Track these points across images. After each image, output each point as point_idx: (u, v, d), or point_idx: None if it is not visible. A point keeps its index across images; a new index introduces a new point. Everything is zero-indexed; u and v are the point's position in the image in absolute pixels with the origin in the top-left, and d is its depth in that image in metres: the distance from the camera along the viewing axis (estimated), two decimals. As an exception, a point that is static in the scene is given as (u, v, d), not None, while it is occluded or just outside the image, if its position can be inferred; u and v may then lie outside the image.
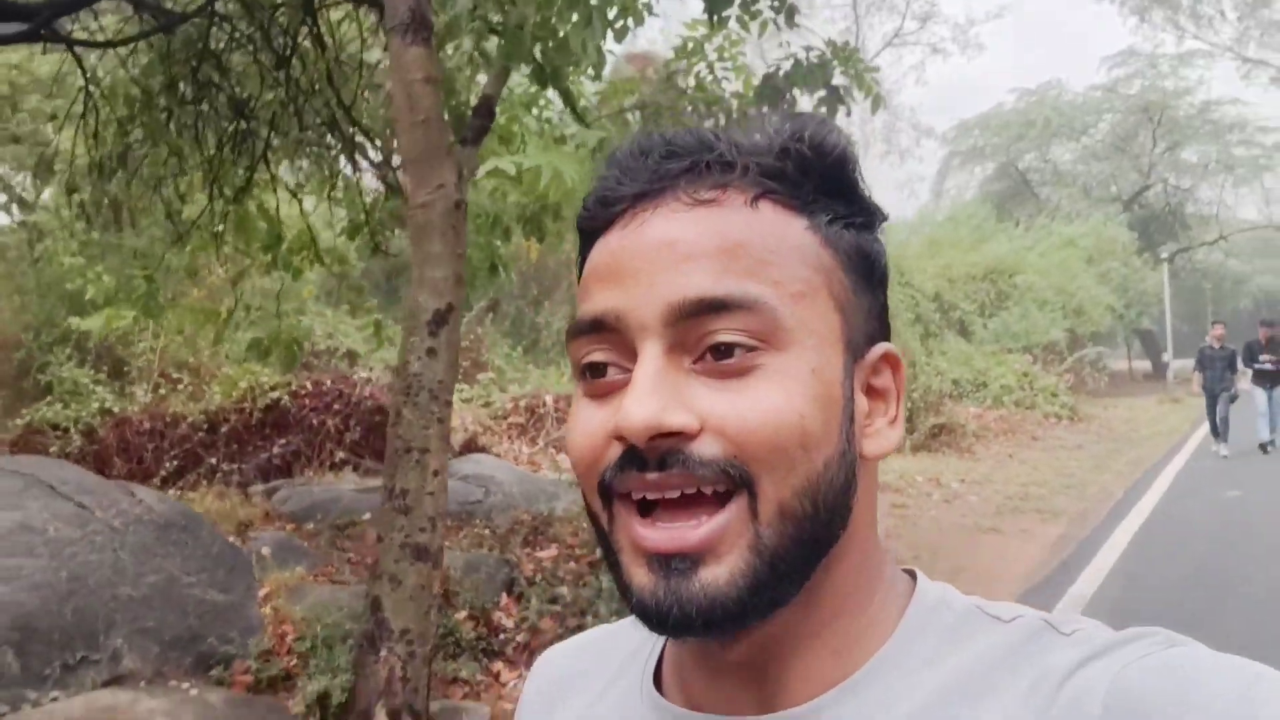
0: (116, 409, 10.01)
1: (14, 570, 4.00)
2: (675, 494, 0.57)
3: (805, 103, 6.06)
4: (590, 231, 0.64)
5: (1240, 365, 14.45)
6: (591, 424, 0.60)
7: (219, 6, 5.90)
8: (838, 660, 0.62)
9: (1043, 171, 38.95)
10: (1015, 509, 10.60)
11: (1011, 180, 38.58)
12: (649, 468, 0.57)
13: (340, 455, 9.55)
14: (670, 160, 0.61)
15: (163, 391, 10.48)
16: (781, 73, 5.98)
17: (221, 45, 6.18)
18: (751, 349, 0.57)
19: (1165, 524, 9.44)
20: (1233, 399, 14.38)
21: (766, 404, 0.56)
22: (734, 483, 0.56)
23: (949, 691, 0.58)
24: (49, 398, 10.28)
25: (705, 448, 0.56)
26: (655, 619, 0.57)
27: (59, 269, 11.13)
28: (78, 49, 6.14)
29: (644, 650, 0.72)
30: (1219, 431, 14.24)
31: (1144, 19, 36.60)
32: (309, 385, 10.03)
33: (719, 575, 0.56)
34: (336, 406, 9.82)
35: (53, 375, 10.59)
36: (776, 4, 5.79)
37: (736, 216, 0.59)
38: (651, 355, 0.57)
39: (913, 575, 0.68)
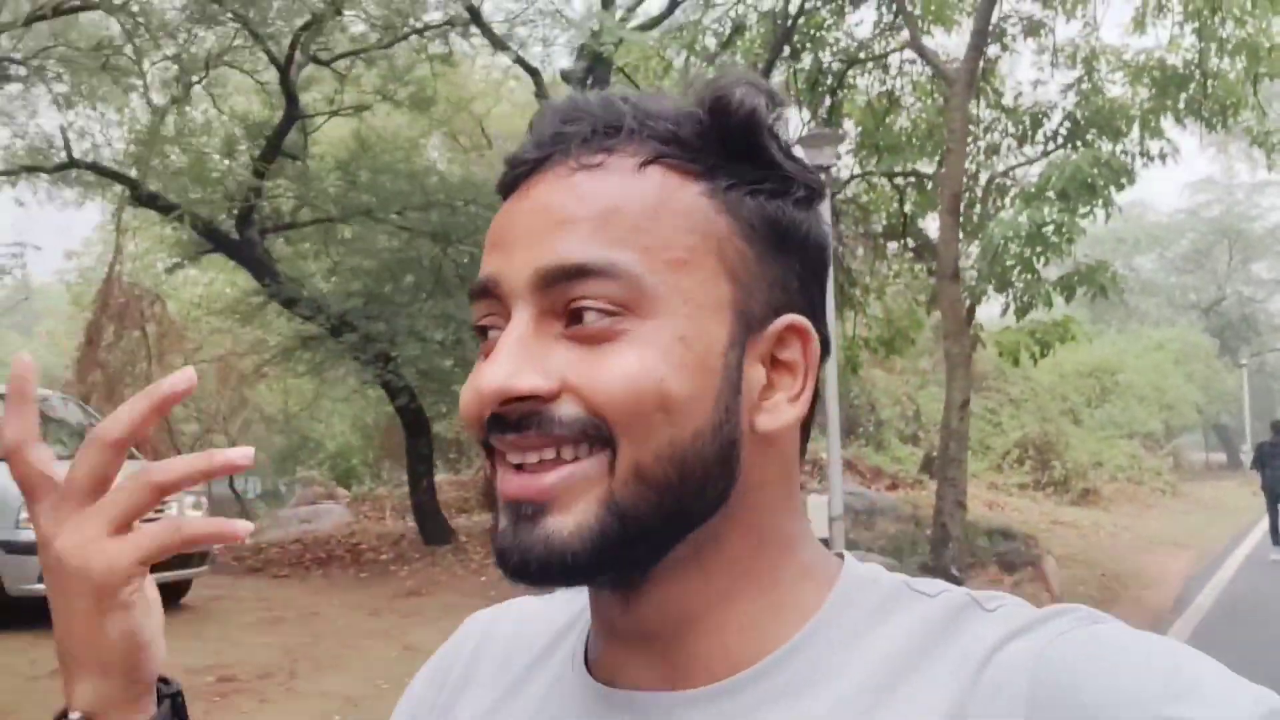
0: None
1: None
2: (535, 458, 0.57)
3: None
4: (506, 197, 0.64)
5: None
6: (475, 383, 0.60)
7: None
8: (747, 640, 0.60)
9: (1128, 280, 43.84)
10: (1156, 544, 15.51)
11: (1101, 287, 43.49)
12: (508, 429, 0.57)
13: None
14: (569, 124, 0.61)
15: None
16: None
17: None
18: (613, 315, 0.57)
19: (1260, 556, 14.34)
20: None
21: (622, 368, 0.56)
22: (594, 442, 0.56)
23: (872, 668, 0.58)
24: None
25: (563, 409, 0.56)
26: (502, 564, 0.58)
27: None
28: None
29: (576, 625, 0.71)
30: (1275, 534, 13.78)
31: (1220, 150, 41.77)
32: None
33: (564, 526, 0.56)
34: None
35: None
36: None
37: (618, 181, 0.59)
38: (519, 321, 0.58)
39: (842, 558, 0.66)
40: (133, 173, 10.52)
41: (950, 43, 12.73)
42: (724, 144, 0.60)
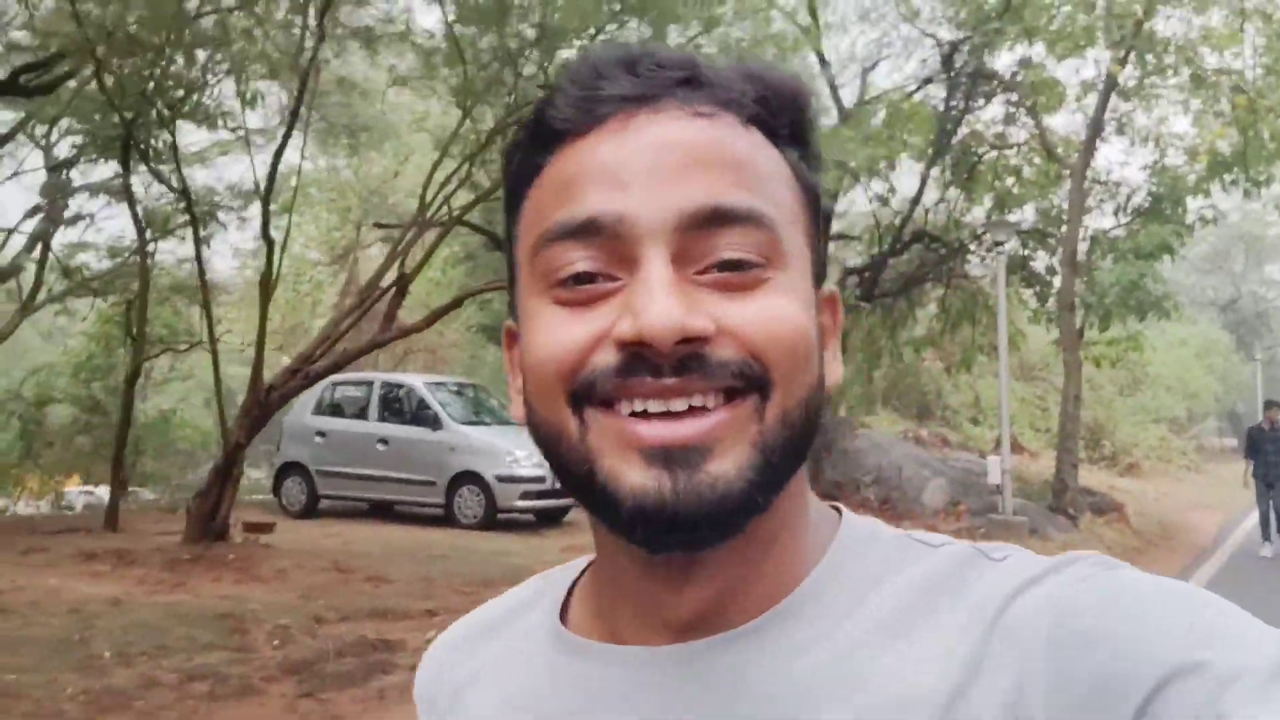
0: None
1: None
2: (682, 405, 0.55)
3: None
4: (557, 134, 0.60)
5: None
6: (573, 331, 0.57)
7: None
8: (770, 586, 0.61)
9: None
10: (1191, 507, 19.84)
11: (1126, 285, 47.90)
12: (664, 373, 0.55)
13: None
14: (664, 69, 0.59)
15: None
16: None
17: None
18: (758, 265, 0.57)
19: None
20: None
21: (782, 312, 0.57)
22: (748, 384, 0.56)
23: (883, 617, 0.58)
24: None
25: (723, 351, 0.55)
26: (658, 518, 0.55)
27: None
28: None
29: (543, 598, 0.71)
30: (1266, 527, 13.44)
31: (1241, 161, 45.96)
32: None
33: (726, 468, 0.55)
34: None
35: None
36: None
37: (735, 135, 0.59)
38: (658, 262, 0.55)
39: (838, 510, 0.67)
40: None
41: (1050, 119, 16.93)
42: (792, 121, 0.62)
